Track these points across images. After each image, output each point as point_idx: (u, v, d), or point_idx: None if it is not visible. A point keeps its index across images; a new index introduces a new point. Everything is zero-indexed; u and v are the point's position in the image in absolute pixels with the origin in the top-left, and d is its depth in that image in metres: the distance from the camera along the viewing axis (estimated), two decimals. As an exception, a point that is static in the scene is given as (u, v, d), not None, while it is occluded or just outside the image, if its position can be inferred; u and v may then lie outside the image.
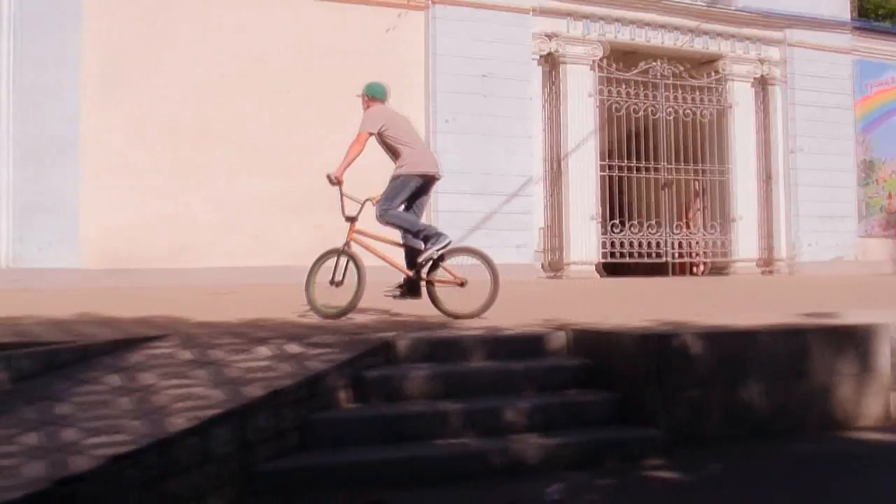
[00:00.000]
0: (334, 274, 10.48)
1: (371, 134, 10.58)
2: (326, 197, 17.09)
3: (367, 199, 10.71)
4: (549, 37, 20.01)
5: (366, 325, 9.27)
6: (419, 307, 11.07)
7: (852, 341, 8.80)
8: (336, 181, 10.57)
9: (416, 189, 10.74)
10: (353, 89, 17.56)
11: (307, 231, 17.10)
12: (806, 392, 8.49)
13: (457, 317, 10.15)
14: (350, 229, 10.70)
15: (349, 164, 10.52)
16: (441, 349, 8.11)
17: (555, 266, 19.75)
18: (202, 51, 16.88)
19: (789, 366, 8.41)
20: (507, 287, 15.92)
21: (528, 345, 8.48)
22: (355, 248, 10.64)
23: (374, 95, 11.03)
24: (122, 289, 14.77)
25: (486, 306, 10.26)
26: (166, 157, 16.49)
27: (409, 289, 10.65)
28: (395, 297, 10.68)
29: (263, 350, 7.71)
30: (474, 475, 6.74)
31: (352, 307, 10.24)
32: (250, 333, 8.49)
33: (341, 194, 10.61)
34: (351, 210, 10.70)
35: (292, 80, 17.28)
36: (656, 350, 7.76)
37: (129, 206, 16.20)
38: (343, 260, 10.53)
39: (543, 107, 20.17)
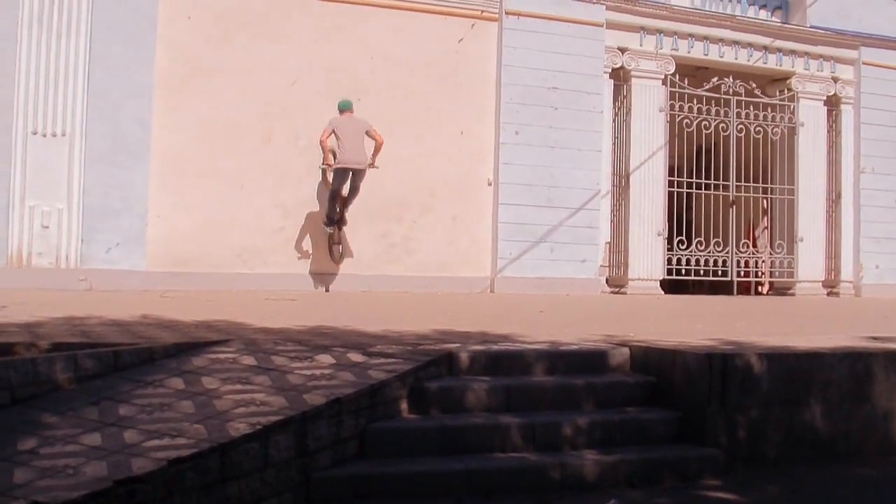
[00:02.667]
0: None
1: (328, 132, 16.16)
2: (392, 205, 17.22)
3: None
4: (621, 51, 19.88)
5: (427, 335, 9.27)
6: (479, 322, 11.10)
7: (918, 366, 8.71)
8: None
9: (345, 177, 16.04)
10: (425, 99, 17.79)
11: (371, 239, 17.18)
12: (868, 416, 8.43)
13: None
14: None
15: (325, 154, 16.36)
16: (503, 362, 8.11)
17: (618, 281, 19.62)
18: (274, 57, 16.94)
19: (852, 389, 8.36)
20: (571, 301, 15.97)
21: (589, 360, 8.46)
22: None
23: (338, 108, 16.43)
24: (186, 292, 14.89)
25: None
26: (234, 161, 16.55)
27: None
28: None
29: (325, 358, 7.74)
30: (532, 489, 6.76)
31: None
32: (312, 341, 8.53)
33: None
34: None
35: (363, 89, 17.32)
36: (719, 369, 7.73)
37: (195, 210, 16.30)
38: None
39: (613, 121, 20.05)
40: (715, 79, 20.89)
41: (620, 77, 20.09)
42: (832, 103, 22.39)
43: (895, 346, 9.35)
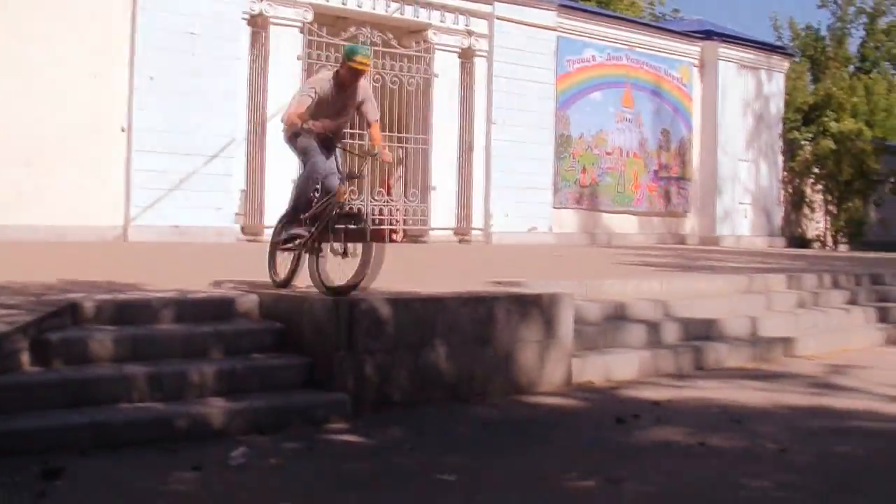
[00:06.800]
0: None
1: None
2: (21, 151, 16.44)
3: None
4: (260, -3, 19.83)
5: (53, 286, 9.01)
6: (108, 272, 10.89)
7: (537, 309, 9.15)
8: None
9: None
10: (55, 39, 17.03)
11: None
12: (491, 358, 8.77)
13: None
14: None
15: None
16: (129, 311, 7.98)
17: (254, 229, 19.56)
18: None
19: (475, 332, 8.67)
20: (204, 249, 15.83)
21: (218, 308, 8.46)
22: None
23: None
24: None
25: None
26: None
27: None
28: None
29: (-60, 310, 7.42)
30: (159, 439, 6.70)
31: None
32: (-74, 292, 8.16)
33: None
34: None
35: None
36: (346, 315, 7.87)
37: None
38: None
39: (250, 68, 19.91)
40: (353, 28, 21.08)
41: (258, 24, 19.96)
42: (467, 56, 23.08)
43: (516, 290, 9.80)
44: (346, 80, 9.53)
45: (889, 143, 38.68)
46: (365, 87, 9.91)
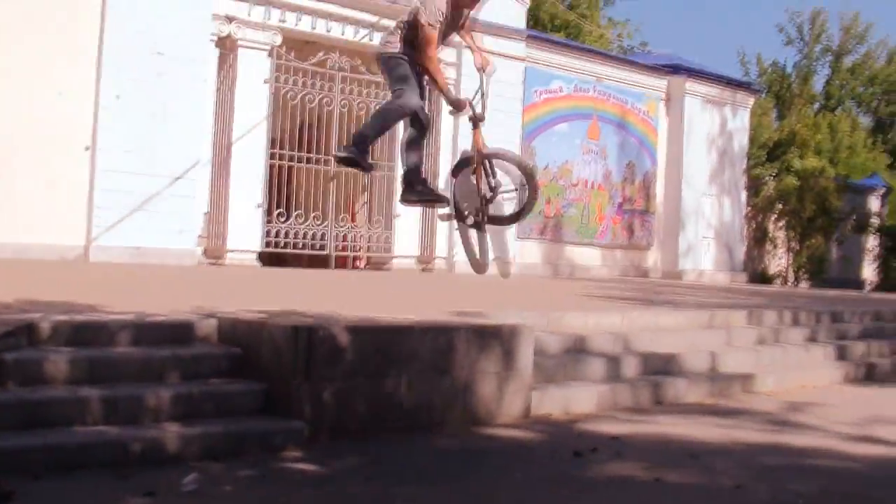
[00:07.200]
0: None
1: None
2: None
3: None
4: (229, 19, 19.70)
5: (9, 305, 8.92)
6: (67, 292, 10.81)
7: (497, 340, 9.14)
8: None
9: None
10: (22, 56, 16.96)
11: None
12: (450, 388, 8.74)
13: None
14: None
15: None
16: (86, 333, 7.88)
17: (216, 252, 19.46)
18: None
19: (435, 362, 8.63)
20: (166, 271, 15.75)
21: (177, 331, 8.37)
22: None
23: None
24: None
25: None
26: None
27: None
28: None
29: None
30: (113, 464, 6.64)
31: None
32: None
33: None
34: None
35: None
36: (305, 342, 7.81)
37: None
38: None
39: (217, 90, 19.86)
40: (321, 53, 21.08)
41: (227, 46, 19.91)
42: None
43: (477, 321, 9.78)
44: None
45: (851, 182, 39.00)
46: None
